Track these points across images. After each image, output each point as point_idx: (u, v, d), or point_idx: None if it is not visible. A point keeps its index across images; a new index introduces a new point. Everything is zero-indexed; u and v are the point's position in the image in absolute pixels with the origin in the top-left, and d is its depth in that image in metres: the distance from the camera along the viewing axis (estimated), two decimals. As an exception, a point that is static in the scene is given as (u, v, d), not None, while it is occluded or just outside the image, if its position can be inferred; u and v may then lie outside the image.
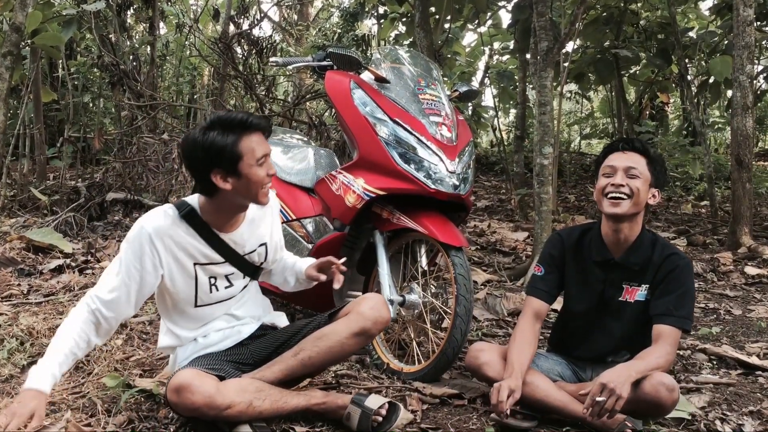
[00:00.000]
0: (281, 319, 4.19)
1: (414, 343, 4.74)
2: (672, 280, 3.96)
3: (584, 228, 4.36)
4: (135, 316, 5.53)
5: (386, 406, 3.60)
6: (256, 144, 3.53)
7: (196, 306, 3.77)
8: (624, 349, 4.11)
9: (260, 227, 3.94)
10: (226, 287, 3.83)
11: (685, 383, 4.69)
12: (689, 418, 4.02)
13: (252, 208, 3.84)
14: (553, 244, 4.36)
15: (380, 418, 3.55)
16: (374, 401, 3.59)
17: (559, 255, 4.30)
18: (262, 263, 4.01)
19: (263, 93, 11.99)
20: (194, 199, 3.72)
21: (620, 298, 4.09)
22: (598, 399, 3.44)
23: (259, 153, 3.53)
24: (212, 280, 3.77)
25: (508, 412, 3.66)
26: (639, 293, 4.06)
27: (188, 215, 3.65)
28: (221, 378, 3.48)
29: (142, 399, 3.81)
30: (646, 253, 4.06)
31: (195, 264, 3.69)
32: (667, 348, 3.79)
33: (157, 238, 3.55)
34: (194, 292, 3.72)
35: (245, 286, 3.98)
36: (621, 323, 4.11)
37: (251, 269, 3.94)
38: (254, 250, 3.91)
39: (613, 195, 3.96)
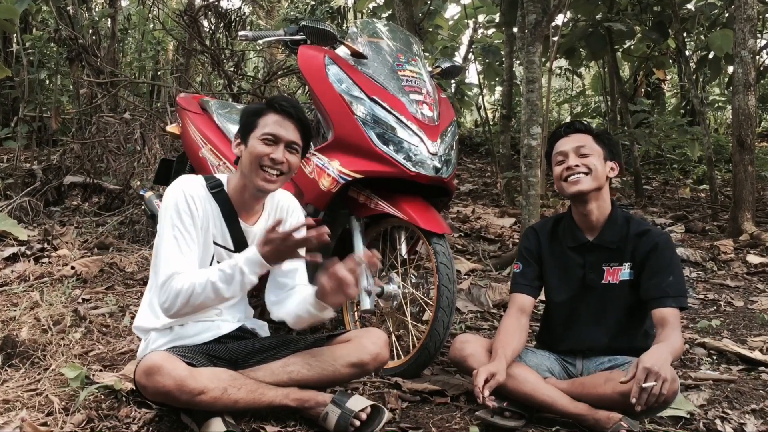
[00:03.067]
0: (263, 329, 4.20)
1: (393, 336, 4.75)
2: (656, 259, 4.07)
3: (557, 218, 4.50)
4: (95, 308, 5.53)
5: (368, 409, 3.60)
6: (271, 121, 3.80)
7: None
8: (613, 338, 4.15)
9: None
10: None
11: (683, 380, 4.69)
12: (688, 416, 4.04)
13: (275, 209, 4.08)
14: (528, 238, 4.50)
15: (358, 422, 3.55)
16: (356, 403, 3.59)
17: (535, 248, 4.43)
18: None
19: (232, 69, 11.96)
20: (225, 178, 3.93)
21: (603, 281, 4.18)
22: (645, 385, 3.43)
23: (267, 129, 3.78)
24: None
25: (486, 394, 3.68)
26: (622, 272, 4.16)
27: (216, 189, 3.84)
28: (193, 365, 3.49)
29: (102, 396, 3.79)
30: (622, 230, 4.19)
31: (214, 242, 3.84)
32: (678, 332, 3.87)
33: (196, 200, 3.72)
34: None
35: None
36: (607, 308, 4.18)
37: None
38: None
39: (571, 176, 4.13)
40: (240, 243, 3.87)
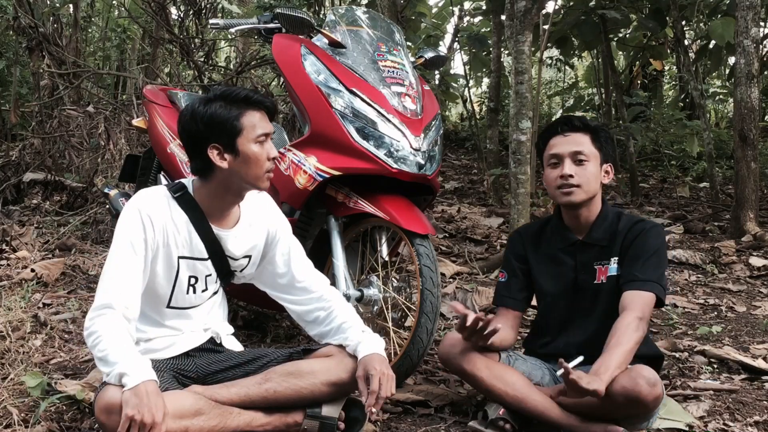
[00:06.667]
0: (234, 343, 4.13)
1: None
2: (637, 246, 4.08)
3: (543, 221, 4.50)
4: (56, 314, 5.52)
5: (342, 415, 3.63)
6: (257, 121, 3.69)
7: (168, 306, 3.79)
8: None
9: (255, 237, 3.99)
10: (203, 291, 3.87)
11: (681, 389, 4.70)
12: (686, 429, 4.03)
13: (253, 212, 3.99)
14: (513, 244, 4.51)
15: (343, 425, 3.58)
16: (330, 410, 3.62)
17: (521, 255, 4.42)
18: (242, 270, 4.03)
19: (202, 60, 11.94)
20: (188, 181, 3.84)
21: (595, 281, 4.18)
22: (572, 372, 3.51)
23: (259, 131, 3.67)
24: (192, 280, 3.81)
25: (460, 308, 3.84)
26: (610, 268, 4.15)
27: (182, 197, 3.75)
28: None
29: (64, 407, 3.79)
30: (612, 226, 4.18)
31: (179, 257, 3.74)
32: (631, 316, 3.85)
33: (152, 217, 3.63)
34: (171, 289, 3.75)
35: (214, 293, 4.00)
36: (599, 309, 4.17)
37: (225, 272, 3.95)
38: (238, 258, 3.94)
39: (565, 187, 4.08)
40: (214, 247, 3.81)
